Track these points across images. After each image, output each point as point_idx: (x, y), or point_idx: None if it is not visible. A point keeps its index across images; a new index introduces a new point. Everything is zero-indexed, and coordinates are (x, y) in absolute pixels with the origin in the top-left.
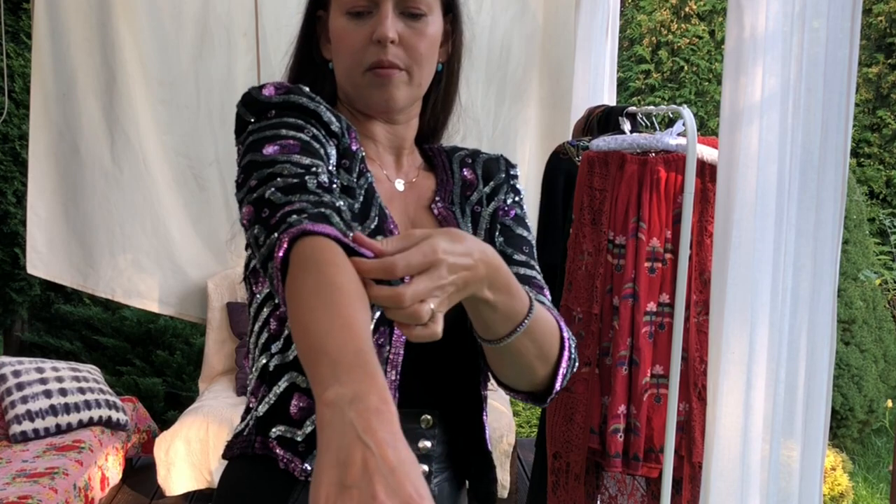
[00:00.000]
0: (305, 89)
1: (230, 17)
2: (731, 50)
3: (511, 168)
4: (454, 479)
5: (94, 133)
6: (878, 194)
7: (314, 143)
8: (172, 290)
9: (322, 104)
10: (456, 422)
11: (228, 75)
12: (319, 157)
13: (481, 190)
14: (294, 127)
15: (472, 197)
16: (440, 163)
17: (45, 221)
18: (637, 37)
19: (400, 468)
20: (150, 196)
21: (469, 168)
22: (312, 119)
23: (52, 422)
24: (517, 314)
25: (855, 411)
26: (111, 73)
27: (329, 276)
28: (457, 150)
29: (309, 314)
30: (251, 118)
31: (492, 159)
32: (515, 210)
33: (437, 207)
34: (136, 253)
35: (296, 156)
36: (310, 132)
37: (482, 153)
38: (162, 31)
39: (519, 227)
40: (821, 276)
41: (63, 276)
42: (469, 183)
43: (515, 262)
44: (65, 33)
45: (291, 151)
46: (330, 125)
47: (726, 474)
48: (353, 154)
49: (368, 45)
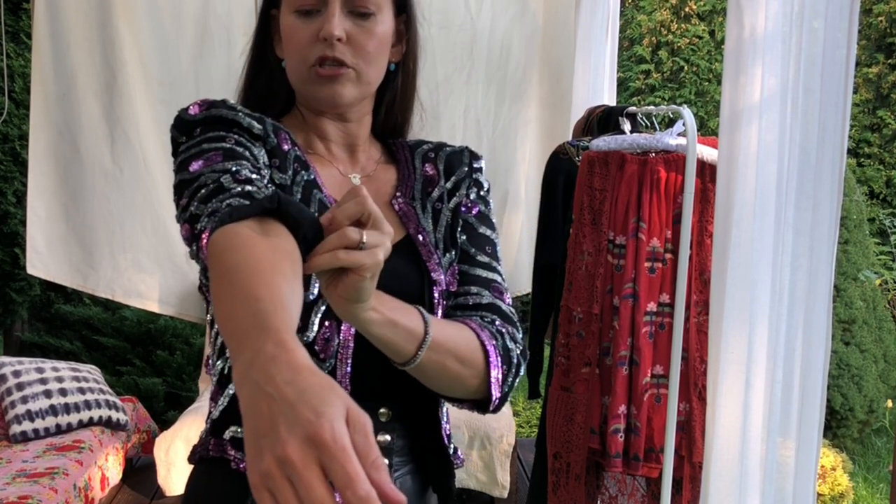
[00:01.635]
0: (229, 102)
1: (230, 17)
2: (731, 50)
3: (475, 160)
4: (418, 474)
5: (94, 133)
6: (878, 194)
7: (237, 147)
8: (172, 290)
9: (241, 111)
10: (414, 416)
11: (228, 75)
12: (244, 158)
13: (442, 186)
14: (216, 139)
15: (433, 193)
16: (402, 157)
17: (44, 221)
18: (637, 37)
19: (299, 399)
20: (150, 196)
21: (431, 163)
22: (234, 128)
23: (52, 422)
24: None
25: (855, 411)
26: (111, 73)
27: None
28: (420, 145)
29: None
30: (182, 139)
31: (455, 153)
32: (479, 206)
33: (397, 203)
34: (136, 253)
35: (219, 164)
36: (231, 139)
37: (447, 146)
38: (162, 31)
39: (482, 226)
40: (817, 275)
41: (63, 277)
42: (430, 178)
43: (478, 264)
44: (65, 33)
45: (214, 162)
46: (252, 129)
47: (725, 474)
48: (284, 154)
49: (315, 42)
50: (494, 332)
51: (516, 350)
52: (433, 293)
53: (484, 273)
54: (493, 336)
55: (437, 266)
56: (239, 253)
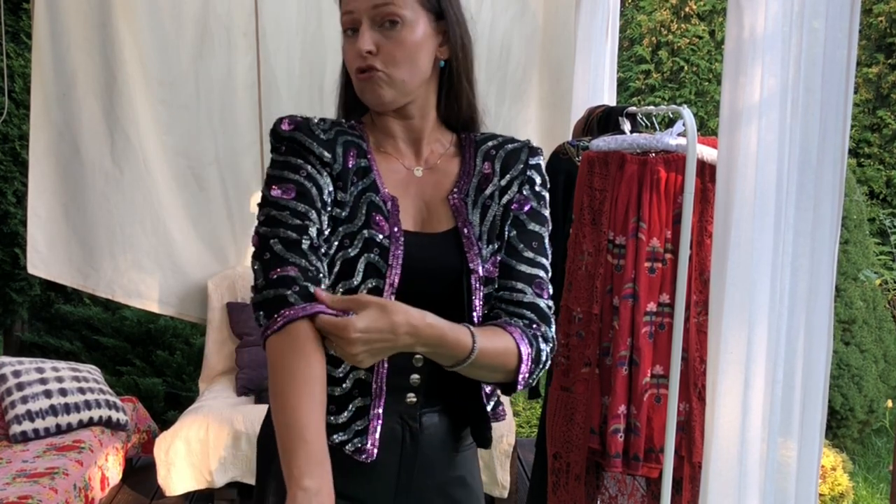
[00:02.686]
0: (312, 122)
1: (230, 17)
2: (731, 50)
3: (532, 157)
4: (446, 414)
5: (94, 133)
6: (878, 194)
7: (307, 183)
8: (172, 290)
9: (317, 139)
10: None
11: (228, 75)
12: (311, 199)
13: (496, 183)
14: (294, 168)
15: (486, 190)
16: (468, 153)
17: (45, 221)
18: (637, 37)
19: None
20: (150, 196)
21: (490, 161)
22: (310, 155)
23: (52, 422)
24: (455, 357)
25: (855, 411)
26: (111, 73)
27: (311, 368)
28: (487, 140)
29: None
30: (273, 148)
31: (514, 151)
32: (531, 203)
33: (452, 198)
34: (136, 253)
35: (293, 202)
36: (304, 172)
37: (510, 143)
38: (162, 31)
39: (532, 223)
40: (818, 275)
41: (63, 276)
42: (486, 176)
43: (523, 259)
44: (65, 33)
45: (290, 197)
46: (322, 158)
47: (724, 474)
48: (347, 171)
49: (357, 56)
50: (531, 336)
51: (546, 349)
52: (471, 279)
53: (528, 269)
54: (530, 342)
55: (475, 256)
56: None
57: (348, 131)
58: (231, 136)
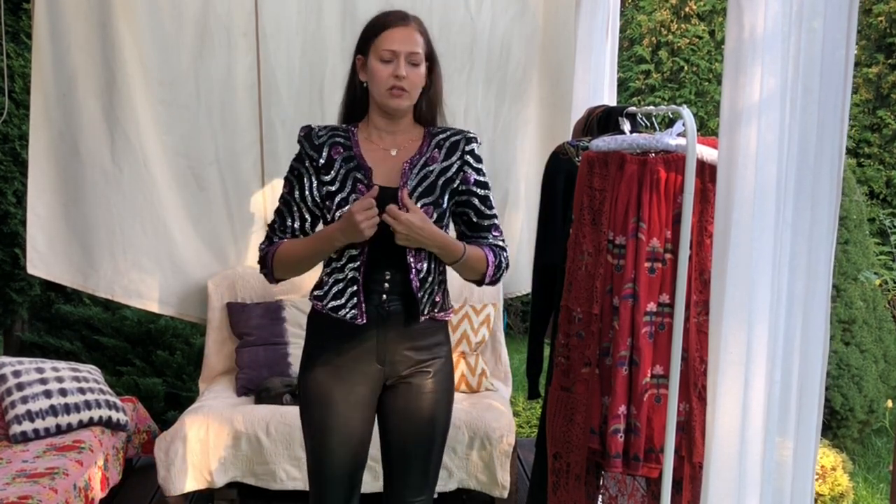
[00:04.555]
0: (313, 131)
1: (230, 17)
2: (731, 50)
3: (468, 145)
4: (402, 304)
5: (94, 133)
6: (878, 194)
7: (296, 182)
8: (172, 290)
9: (311, 144)
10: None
11: (228, 75)
12: (289, 209)
13: (440, 163)
14: (294, 171)
15: (430, 166)
16: (426, 142)
17: (45, 221)
18: (637, 37)
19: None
20: (150, 196)
21: (438, 147)
22: (306, 160)
23: (53, 422)
24: (454, 256)
25: (855, 411)
26: (111, 73)
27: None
28: (439, 133)
29: (299, 247)
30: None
31: (456, 140)
32: (473, 176)
33: (405, 167)
34: (136, 253)
35: (275, 213)
36: (297, 171)
37: (454, 136)
38: (162, 31)
39: (479, 189)
40: (815, 274)
41: (64, 276)
42: (433, 157)
43: (483, 215)
44: (65, 33)
45: (286, 192)
46: (312, 158)
47: (724, 474)
48: (332, 161)
49: (390, 77)
50: (497, 252)
51: (504, 262)
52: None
53: (486, 222)
54: (495, 256)
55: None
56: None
57: (339, 134)
58: (231, 136)
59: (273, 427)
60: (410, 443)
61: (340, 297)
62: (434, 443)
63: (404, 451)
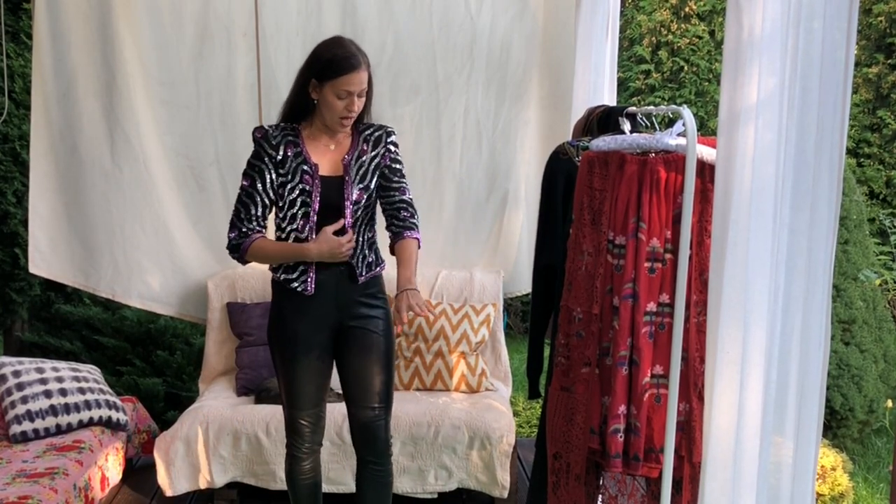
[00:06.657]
0: (268, 133)
1: (230, 17)
2: (731, 50)
3: (388, 137)
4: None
5: (94, 133)
6: (878, 194)
7: (257, 177)
8: (172, 290)
9: (267, 143)
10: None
11: (228, 75)
12: (256, 187)
13: (368, 153)
14: (253, 167)
15: (362, 157)
16: (356, 137)
17: (46, 221)
18: (637, 37)
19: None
20: (150, 196)
21: (366, 142)
22: (265, 156)
23: (53, 422)
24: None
25: (855, 411)
26: (111, 73)
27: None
28: (366, 129)
29: (272, 248)
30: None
31: (379, 135)
32: (391, 156)
33: (345, 159)
34: (136, 253)
35: (246, 190)
36: (257, 167)
37: (377, 131)
38: (162, 31)
39: (395, 164)
40: (815, 275)
41: (65, 276)
42: (363, 150)
43: (394, 182)
44: (65, 33)
45: (246, 187)
46: (270, 154)
47: (720, 473)
48: (286, 158)
49: (344, 110)
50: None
51: (416, 223)
52: (346, 202)
53: (398, 185)
54: (416, 228)
55: (350, 189)
56: (263, 248)
57: (289, 133)
58: (231, 136)
59: (273, 427)
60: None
61: (292, 273)
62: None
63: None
